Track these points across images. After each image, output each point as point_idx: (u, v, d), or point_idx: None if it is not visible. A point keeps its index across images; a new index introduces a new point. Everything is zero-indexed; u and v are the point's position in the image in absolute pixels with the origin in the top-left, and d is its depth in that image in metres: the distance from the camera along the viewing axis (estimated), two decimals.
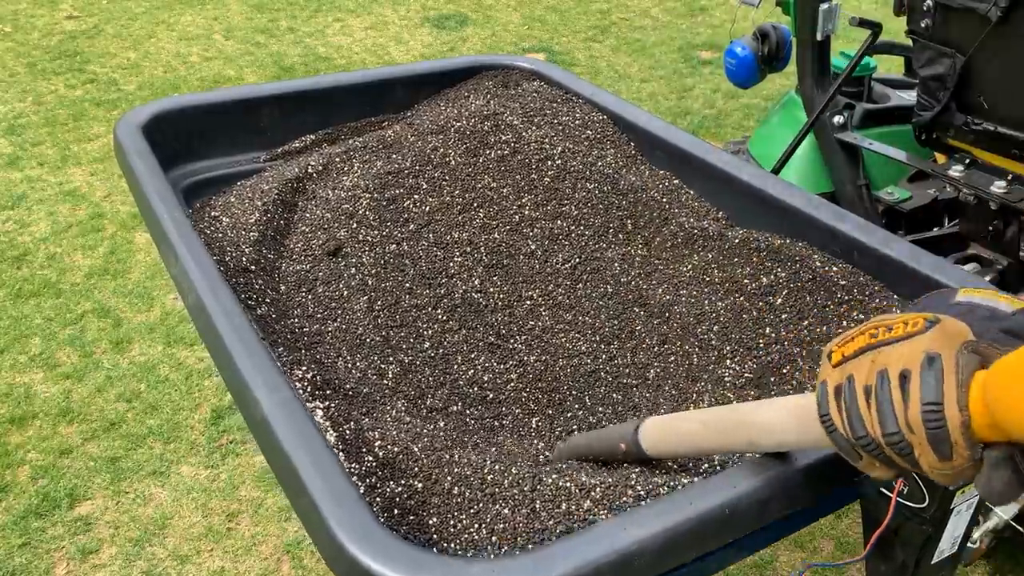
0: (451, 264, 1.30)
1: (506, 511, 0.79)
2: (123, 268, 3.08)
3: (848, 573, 2.05)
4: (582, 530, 0.74)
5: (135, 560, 2.05)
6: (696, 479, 0.83)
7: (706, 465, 0.90)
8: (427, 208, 1.36)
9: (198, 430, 2.41)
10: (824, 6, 2.32)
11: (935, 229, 2.23)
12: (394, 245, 1.30)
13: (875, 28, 2.20)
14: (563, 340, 1.20)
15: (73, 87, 4.41)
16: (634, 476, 0.84)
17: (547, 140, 1.44)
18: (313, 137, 1.54)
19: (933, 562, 1.17)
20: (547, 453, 1.03)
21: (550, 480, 0.82)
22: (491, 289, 1.27)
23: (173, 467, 2.30)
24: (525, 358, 1.18)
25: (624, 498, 0.79)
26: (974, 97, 1.92)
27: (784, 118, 2.70)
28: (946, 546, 1.23)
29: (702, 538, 0.74)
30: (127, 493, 2.22)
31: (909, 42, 2.14)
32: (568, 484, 0.81)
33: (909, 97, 2.41)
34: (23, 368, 2.61)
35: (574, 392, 1.14)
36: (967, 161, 2.00)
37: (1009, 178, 1.90)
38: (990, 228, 2.00)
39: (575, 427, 1.10)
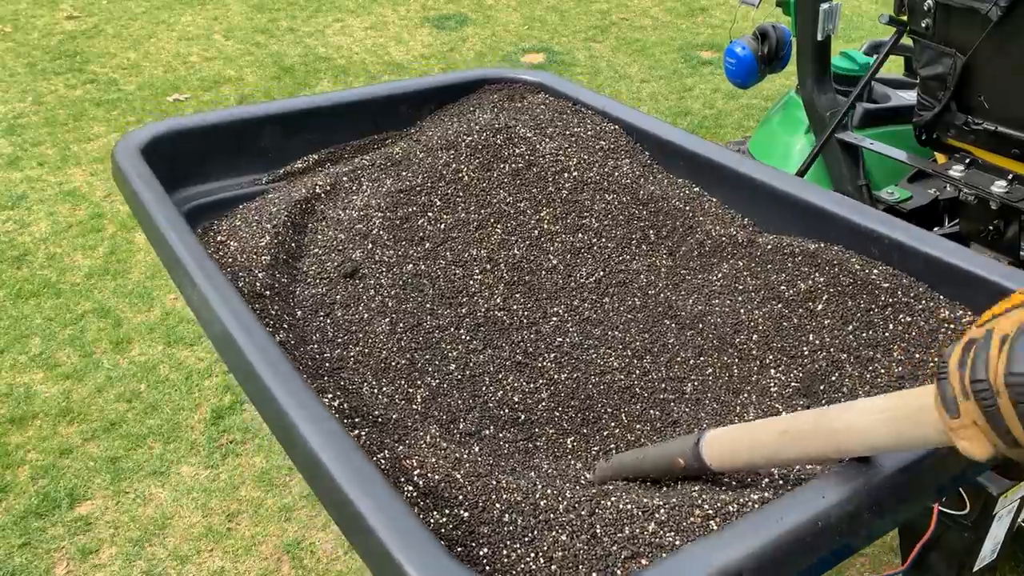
0: (471, 282, 1.26)
1: (564, 537, 0.76)
2: (123, 268, 3.08)
3: (848, 574, 2.05)
4: (672, 554, 0.71)
5: (135, 560, 2.04)
6: (767, 494, 0.80)
7: (766, 480, 0.87)
8: (442, 226, 1.34)
9: (198, 430, 2.41)
10: (824, 6, 2.32)
11: (935, 229, 2.23)
12: (411, 265, 1.28)
13: (901, 27, 2.20)
14: (593, 356, 1.16)
15: (73, 87, 4.41)
16: (697, 494, 0.81)
17: (561, 152, 1.42)
18: (316, 156, 1.51)
19: (975, 569, 1.15)
20: (586, 474, 0.99)
21: (609, 503, 0.79)
22: (514, 306, 1.24)
23: (173, 467, 2.30)
24: (555, 376, 1.14)
25: (691, 519, 0.76)
26: (974, 97, 1.92)
27: (784, 118, 2.70)
28: (987, 553, 1.20)
29: (795, 553, 0.71)
30: (127, 493, 2.22)
31: (909, 42, 2.14)
32: (630, 506, 0.78)
33: (909, 97, 2.41)
34: (23, 368, 2.61)
35: (609, 409, 1.10)
36: (967, 161, 2.00)
37: (1009, 178, 1.90)
38: (990, 228, 2.00)
39: (612, 446, 1.07)
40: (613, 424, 1.09)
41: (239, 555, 2.07)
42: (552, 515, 0.78)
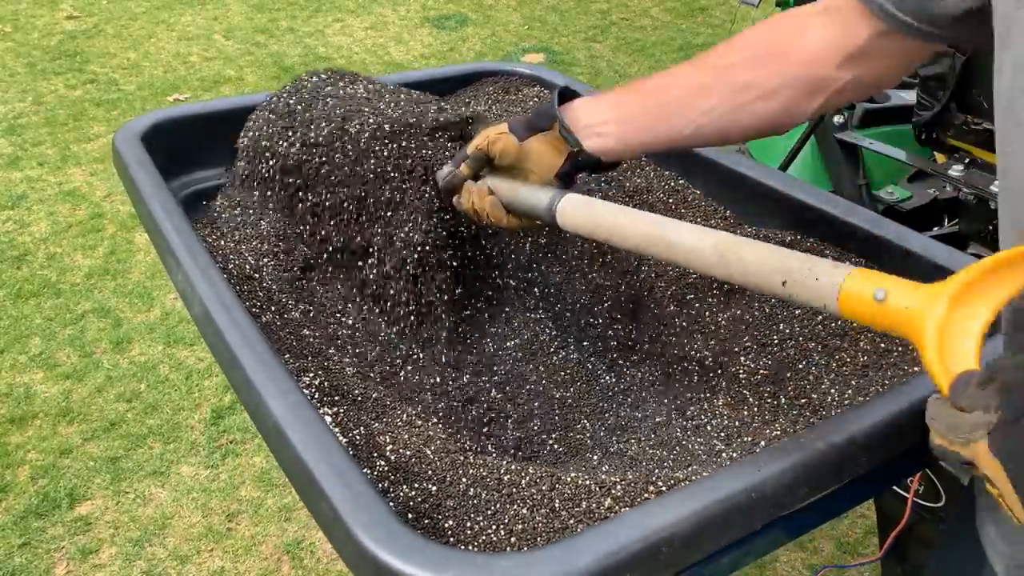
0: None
1: (524, 511, 0.78)
2: (123, 268, 3.08)
3: (849, 574, 2.05)
4: (607, 521, 0.74)
5: (135, 560, 2.05)
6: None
7: (726, 462, 0.89)
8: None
9: (198, 430, 2.41)
10: None
11: (935, 229, 2.23)
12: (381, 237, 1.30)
13: None
14: (588, 303, 1.21)
15: (73, 87, 4.41)
16: (655, 473, 0.84)
17: None
18: None
19: None
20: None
21: (569, 479, 0.82)
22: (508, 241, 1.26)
23: (173, 467, 2.30)
24: (556, 311, 1.20)
25: (645, 495, 0.78)
26: (974, 97, 1.92)
27: None
28: None
29: (729, 522, 0.74)
30: (127, 493, 2.22)
31: None
32: (588, 482, 0.80)
33: (909, 97, 2.41)
34: (23, 368, 2.61)
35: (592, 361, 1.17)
36: (967, 161, 2.00)
37: None
38: (990, 228, 2.00)
39: (571, 391, 1.13)
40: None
41: (239, 555, 2.07)
42: (515, 489, 0.81)
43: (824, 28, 0.88)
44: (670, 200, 1.34)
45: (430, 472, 0.84)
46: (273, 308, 1.13)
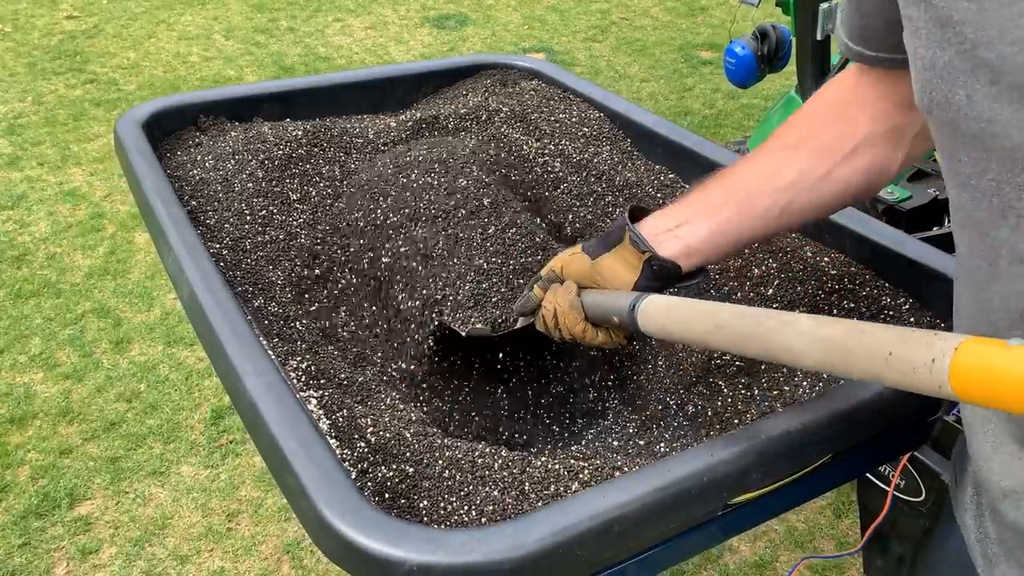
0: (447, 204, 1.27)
1: (495, 493, 0.81)
2: (123, 268, 3.08)
3: (849, 573, 2.05)
4: (560, 499, 0.76)
5: (135, 560, 2.05)
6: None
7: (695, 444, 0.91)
8: (412, 190, 1.35)
9: (198, 430, 2.41)
10: (824, 5, 2.32)
11: (935, 228, 2.23)
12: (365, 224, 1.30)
13: None
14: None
15: (73, 87, 4.41)
16: (620, 459, 0.87)
17: (544, 136, 1.45)
18: None
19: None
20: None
21: (539, 463, 0.84)
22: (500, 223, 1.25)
23: (173, 467, 2.30)
24: None
25: (611, 480, 0.80)
26: None
27: (784, 118, 2.70)
28: None
29: (680, 505, 0.76)
30: (127, 493, 2.22)
31: None
32: (557, 467, 0.83)
33: None
34: (23, 368, 2.61)
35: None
36: None
37: None
38: None
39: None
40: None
41: (239, 555, 2.07)
42: (487, 472, 0.83)
43: (873, 85, 0.84)
44: (658, 195, 1.34)
45: (408, 454, 0.86)
46: (264, 294, 1.14)
